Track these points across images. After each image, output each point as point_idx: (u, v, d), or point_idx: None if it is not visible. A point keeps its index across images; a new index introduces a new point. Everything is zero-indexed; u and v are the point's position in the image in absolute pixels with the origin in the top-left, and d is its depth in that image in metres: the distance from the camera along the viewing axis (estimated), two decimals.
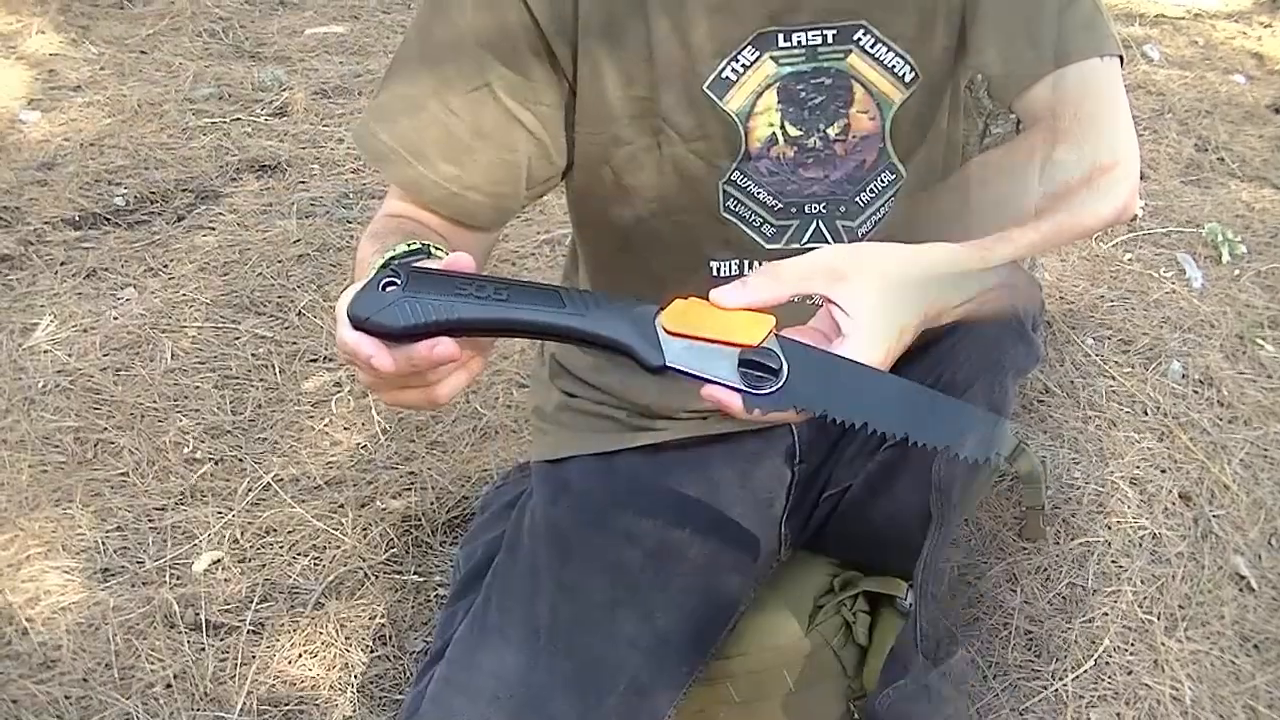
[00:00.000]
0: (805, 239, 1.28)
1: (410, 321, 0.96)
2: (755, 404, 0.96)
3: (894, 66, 1.21)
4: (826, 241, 1.28)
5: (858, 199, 1.27)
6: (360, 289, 0.98)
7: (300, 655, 1.67)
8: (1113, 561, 1.80)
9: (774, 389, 0.96)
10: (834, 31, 1.20)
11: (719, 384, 0.97)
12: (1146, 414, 2.11)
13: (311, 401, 2.12)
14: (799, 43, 1.20)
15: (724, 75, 1.21)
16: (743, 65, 1.21)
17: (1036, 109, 1.20)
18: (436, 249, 1.15)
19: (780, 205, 1.27)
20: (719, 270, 1.30)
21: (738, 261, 1.30)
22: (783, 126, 1.24)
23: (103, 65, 3.33)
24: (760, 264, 1.29)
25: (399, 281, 0.97)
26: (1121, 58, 1.20)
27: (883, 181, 1.26)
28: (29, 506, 1.92)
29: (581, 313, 0.99)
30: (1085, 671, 1.63)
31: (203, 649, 1.67)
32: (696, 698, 1.41)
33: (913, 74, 1.22)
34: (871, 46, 1.21)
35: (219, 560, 1.82)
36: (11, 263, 2.52)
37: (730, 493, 1.40)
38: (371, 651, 1.68)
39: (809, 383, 0.97)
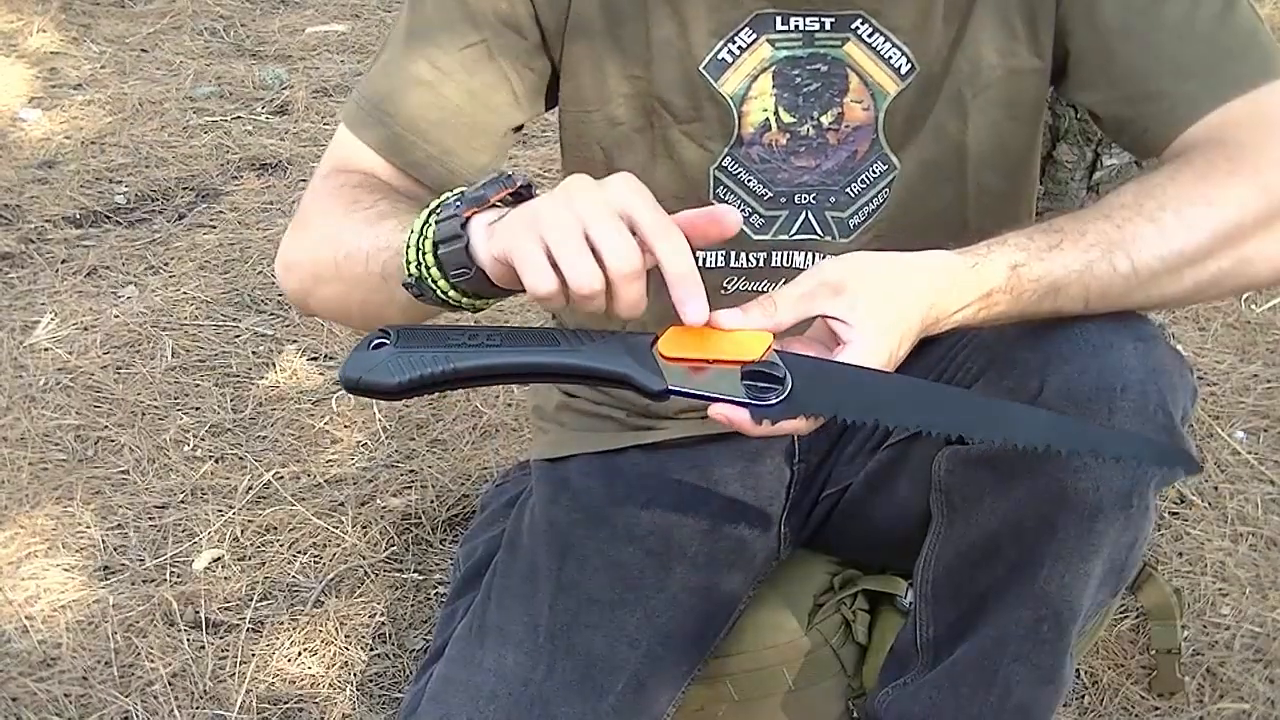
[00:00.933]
0: (794, 230, 1.28)
1: (405, 378, 0.96)
2: (763, 415, 0.96)
3: (890, 57, 1.21)
4: (815, 234, 1.27)
5: (848, 190, 1.26)
6: (352, 350, 0.97)
7: (300, 653, 1.67)
8: None
9: (780, 398, 0.96)
10: (832, 19, 1.20)
11: (724, 401, 0.96)
12: None
13: (312, 400, 2.13)
14: (796, 27, 1.20)
15: (720, 56, 1.21)
16: (739, 47, 1.21)
17: (1186, 146, 1.12)
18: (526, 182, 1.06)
19: (770, 194, 1.26)
20: (705, 260, 1.29)
21: (724, 252, 1.29)
22: (777, 112, 1.23)
23: (104, 63, 3.33)
24: (747, 256, 1.29)
25: (389, 339, 0.97)
26: None
27: (874, 173, 1.26)
28: (29, 504, 1.92)
29: (577, 349, 0.98)
30: None
31: (202, 647, 1.67)
32: (696, 696, 1.41)
33: (909, 66, 1.21)
34: (869, 36, 1.20)
35: (219, 558, 1.82)
36: (12, 260, 2.53)
37: (730, 491, 1.40)
38: (371, 649, 1.68)
39: (815, 388, 0.96)
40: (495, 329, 0.99)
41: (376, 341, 0.97)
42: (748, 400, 0.96)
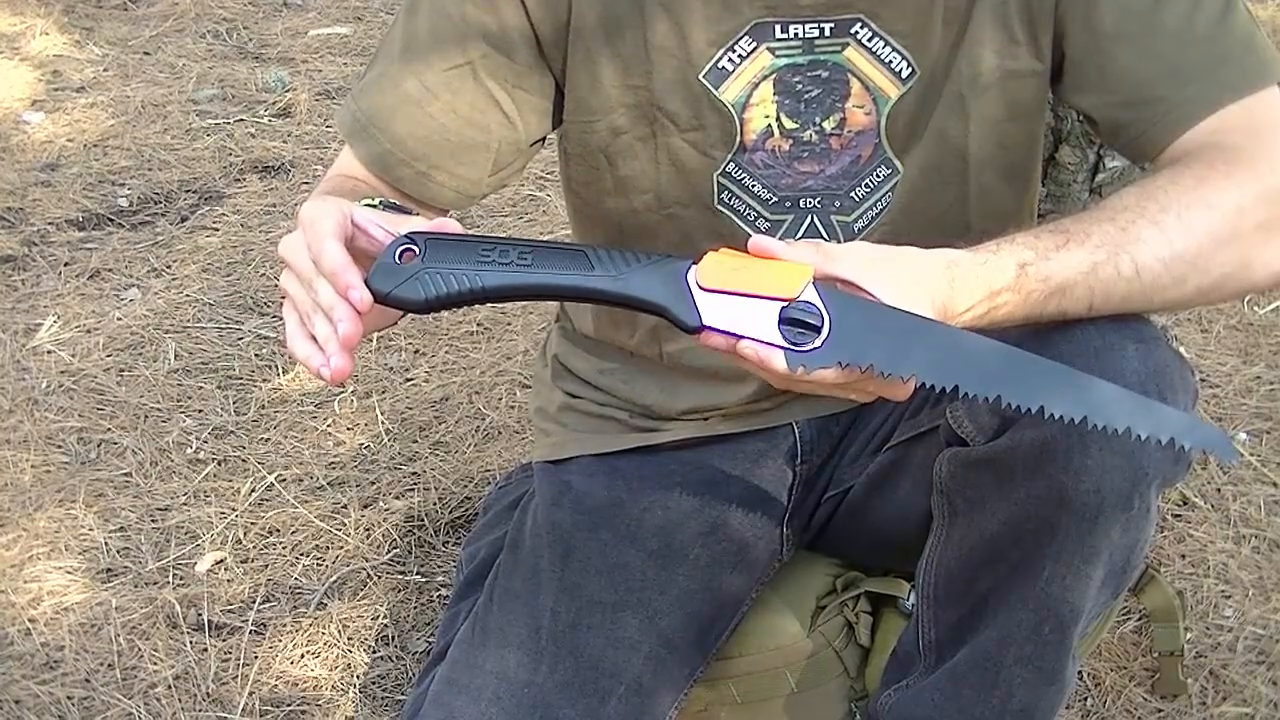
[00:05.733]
0: (799, 234, 1.28)
1: (434, 294, 0.95)
2: (799, 361, 0.94)
3: (891, 62, 1.21)
4: (820, 238, 1.27)
5: (853, 194, 1.26)
6: (377, 261, 0.97)
7: (302, 656, 1.67)
8: None
9: (818, 344, 0.94)
10: (831, 25, 1.20)
11: (760, 341, 0.95)
12: None
13: (314, 402, 2.13)
14: (796, 35, 1.20)
15: (720, 65, 1.21)
16: (739, 55, 1.21)
17: (1183, 151, 1.13)
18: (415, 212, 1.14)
19: (775, 199, 1.26)
20: None
21: None
22: (778, 119, 1.23)
23: (106, 66, 3.33)
24: None
25: (417, 250, 0.96)
26: None
27: (878, 177, 1.26)
28: (32, 506, 1.92)
29: (612, 274, 0.97)
30: None
31: (205, 649, 1.68)
32: (698, 698, 1.41)
33: (910, 70, 1.21)
34: (869, 40, 1.20)
35: (221, 560, 1.82)
36: (15, 263, 2.53)
37: (732, 493, 1.40)
38: (374, 652, 1.68)
39: (853, 335, 0.94)
40: (529, 245, 0.97)
41: (403, 250, 0.96)
42: (785, 344, 0.94)
